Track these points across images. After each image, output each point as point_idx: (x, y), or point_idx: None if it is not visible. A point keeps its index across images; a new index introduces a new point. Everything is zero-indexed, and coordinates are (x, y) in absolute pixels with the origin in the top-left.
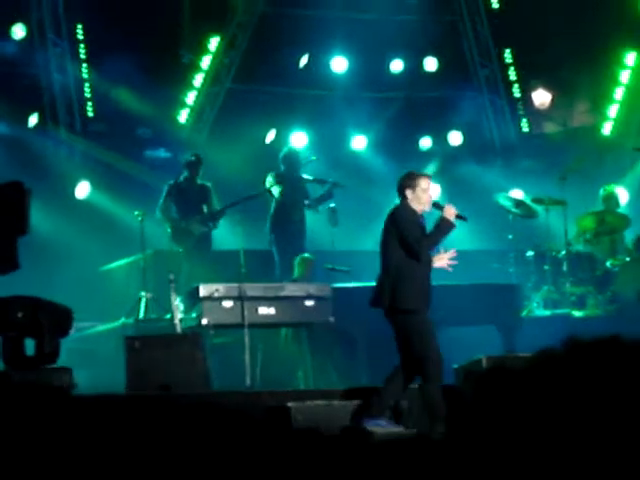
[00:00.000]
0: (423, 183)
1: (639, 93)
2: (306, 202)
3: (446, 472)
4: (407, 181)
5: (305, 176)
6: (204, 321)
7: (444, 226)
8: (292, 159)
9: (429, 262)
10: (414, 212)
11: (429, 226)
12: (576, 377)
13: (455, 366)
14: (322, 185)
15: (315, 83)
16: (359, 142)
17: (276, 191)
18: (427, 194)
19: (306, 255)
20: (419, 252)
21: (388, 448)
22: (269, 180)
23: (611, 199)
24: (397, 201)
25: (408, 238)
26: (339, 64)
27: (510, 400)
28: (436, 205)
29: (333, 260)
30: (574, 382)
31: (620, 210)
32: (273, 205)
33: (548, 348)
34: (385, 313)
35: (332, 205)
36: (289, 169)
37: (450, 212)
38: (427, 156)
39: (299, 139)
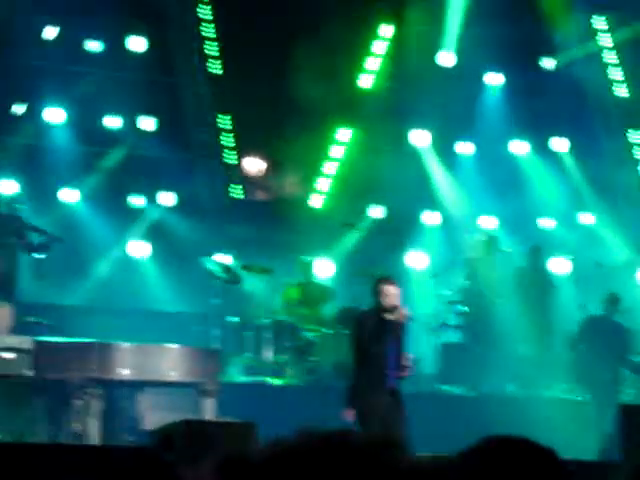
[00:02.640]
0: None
1: (350, 168)
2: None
3: None
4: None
5: (26, 223)
6: None
7: None
8: (13, 205)
9: None
10: None
11: None
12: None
13: (152, 428)
14: (39, 234)
15: (29, 133)
16: (71, 195)
17: None
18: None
19: (4, 304)
20: None
21: None
22: None
23: (305, 268)
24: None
25: None
26: (55, 115)
27: None
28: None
29: (35, 313)
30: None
31: (324, 282)
32: None
33: (281, 440)
34: None
35: (41, 256)
36: (9, 213)
37: None
38: (139, 214)
39: (9, 187)
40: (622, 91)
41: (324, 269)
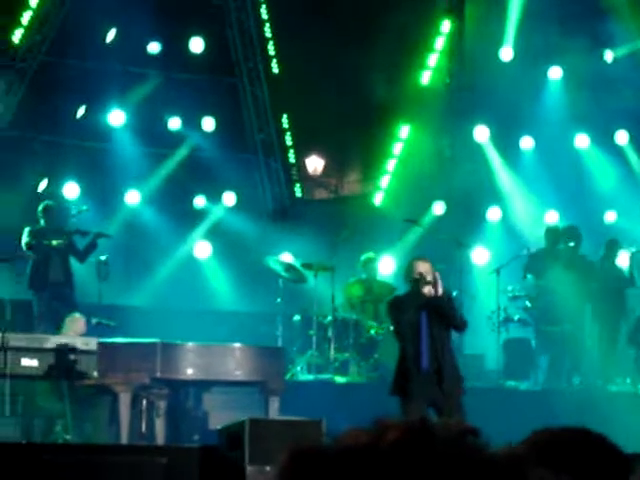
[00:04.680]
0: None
1: (410, 165)
2: (72, 254)
3: None
4: None
5: (68, 229)
6: None
7: None
8: (50, 213)
9: None
10: None
11: None
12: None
13: (219, 427)
14: (84, 237)
15: (91, 135)
16: (133, 197)
17: (32, 247)
18: None
19: (77, 314)
20: None
21: None
22: (24, 239)
23: (368, 265)
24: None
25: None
26: (116, 117)
27: None
28: None
29: (99, 314)
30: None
31: (386, 279)
32: (30, 261)
33: (355, 430)
34: None
35: (103, 258)
36: (48, 223)
37: None
38: (201, 215)
39: (71, 190)
40: None
41: (386, 266)
